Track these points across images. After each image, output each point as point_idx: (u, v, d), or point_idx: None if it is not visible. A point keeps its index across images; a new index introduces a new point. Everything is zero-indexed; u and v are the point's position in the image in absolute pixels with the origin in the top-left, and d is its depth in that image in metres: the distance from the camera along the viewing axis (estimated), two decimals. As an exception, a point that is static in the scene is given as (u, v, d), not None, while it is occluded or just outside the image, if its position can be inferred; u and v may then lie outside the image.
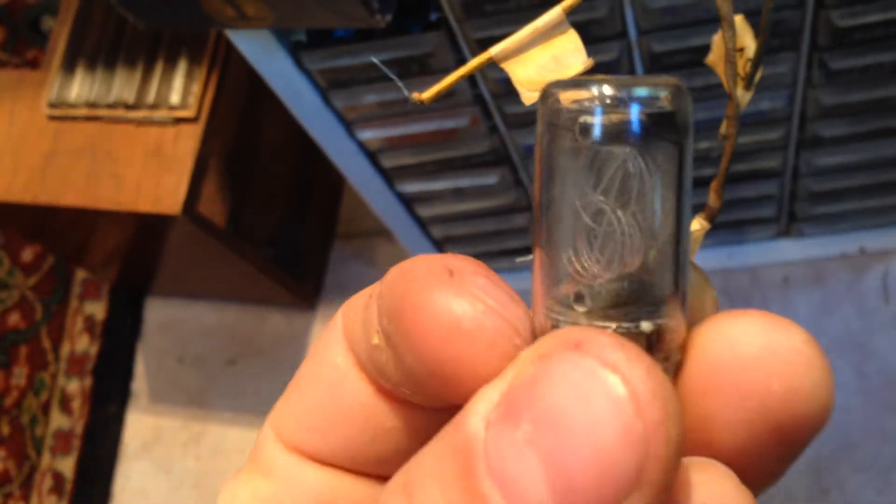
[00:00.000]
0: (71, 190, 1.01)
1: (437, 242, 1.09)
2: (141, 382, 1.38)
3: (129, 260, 1.30)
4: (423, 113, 0.83)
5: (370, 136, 0.86)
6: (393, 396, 0.20)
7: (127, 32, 1.02)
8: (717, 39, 0.20)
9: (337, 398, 0.20)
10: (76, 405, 1.37)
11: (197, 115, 0.98)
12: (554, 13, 0.19)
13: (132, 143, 1.00)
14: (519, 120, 0.85)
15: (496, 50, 0.20)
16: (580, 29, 0.20)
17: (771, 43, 0.75)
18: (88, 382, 1.38)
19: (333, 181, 1.32)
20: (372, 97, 0.80)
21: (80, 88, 1.01)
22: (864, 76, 0.80)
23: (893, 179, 0.97)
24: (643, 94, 0.17)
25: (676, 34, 0.74)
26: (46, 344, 1.41)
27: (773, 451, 0.17)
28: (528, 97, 0.19)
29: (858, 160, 0.92)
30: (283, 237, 1.25)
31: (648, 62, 0.78)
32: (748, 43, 0.20)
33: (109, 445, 1.34)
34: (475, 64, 0.20)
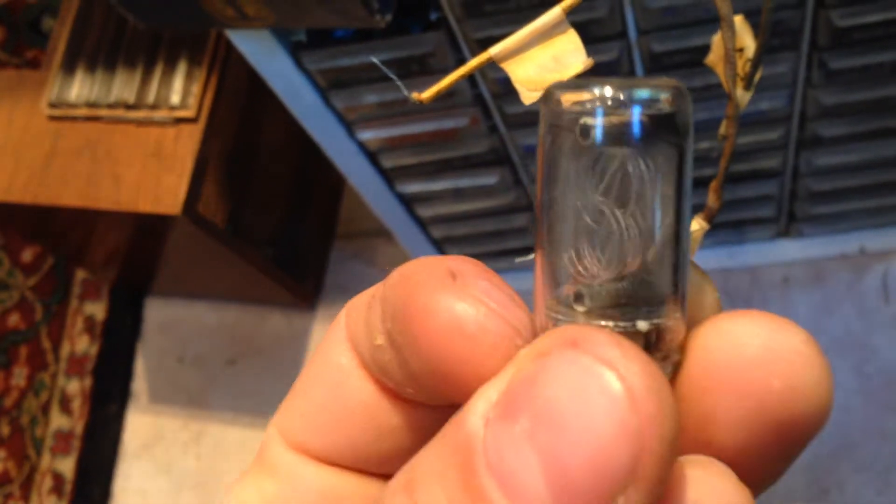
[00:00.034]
0: (71, 190, 1.01)
1: (436, 243, 1.09)
2: (141, 382, 1.38)
3: (129, 260, 1.30)
4: (422, 113, 0.83)
5: (370, 136, 0.86)
6: (396, 395, 0.20)
7: (127, 32, 1.02)
8: (716, 39, 0.20)
9: (341, 397, 0.20)
10: (76, 405, 1.37)
11: (197, 115, 0.98)
12: (554, 13, 0.19)
13: (132, 143, 1.00)
14: (519, 120, 0.85)
15: (496, 50, 0.20)
16: (580, 29, 0.20)
17: (771, 43, 0.75)
18: (88, 383, 1.38)
19: (333, 181, 1.32)
20: (372, 97, 0.80)
21: (80, 88, 1.01)
22: (863, 76, 0.80)
23: (893, 179, 0.97)
24: (644, 95, 0.17)
25: (676, 34, 0.74)
26: (46, 344, 1.41)
27: (772, 450, 0.17)
28: (527, 97, 0.19)
29: (858, 160, 0.92)
30: (283, 237, 1.25)
31: (648, 62, 0.78)
32: (748, 43, 0.20)
33: (109, 445, 1.34)
34: (475, 64, 0.20)
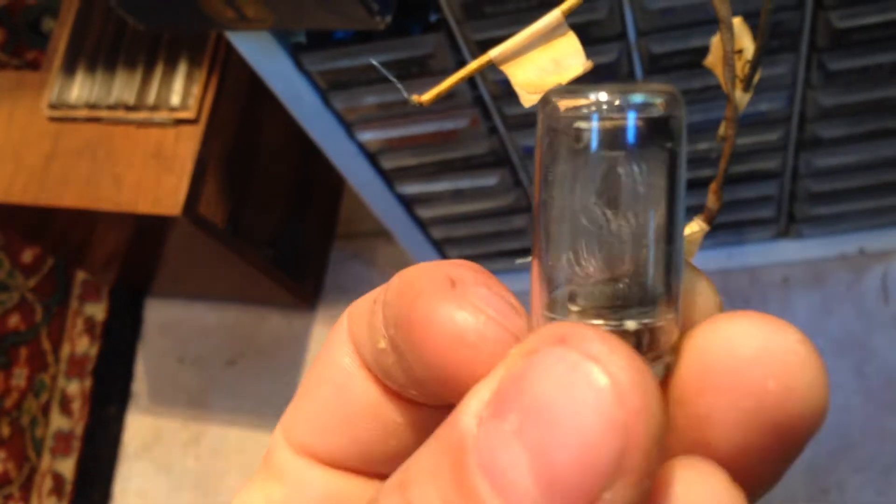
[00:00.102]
0: (71, 191, 1.01)
1: (436, 243, 1.09)
2: (141, 383, 1.38)
3: (129, 261, 1.30)
4: (422, 114, 0.83)
5: (370, 137, 0.86)
6: (400, 396, 0.20)
7: (127, 34, 1.02)
8: (715, 41, 0.20)
9: (345, 399, 0.20)
10: (76, 406, 1.37)
11: (197, 116, 0.98)
12: (553, 16, 0.20)
13: (132, 144, 1.00)
14: (518, 121, 0.85)
15: (496, 52, 0.20)
16: (579, 30, 0.20)
17: (770, 44, 0.75)
18: (88, 383, 1.38)
19: (333, 182, 1.32)
20: (372, 98, 0.80)
21: (80, 90, 1.01)
22: (862, 77, 0.80)
23: (892, 180, 0.97)
24: (638, 100, 0.17)
25: (676, 35, 0.74)
26: (46, 345, 1.41)
27: (770, 451, 0.17)
28: (527, 99, 0.19)
29: (858, 161, 0.92)
30: (282, 238, 1.25)
31: (647, 63, 0.78)
32: (747, 45, 0.20)
33: (109, 446, 1.34)
34: (475, 66, 0.20)
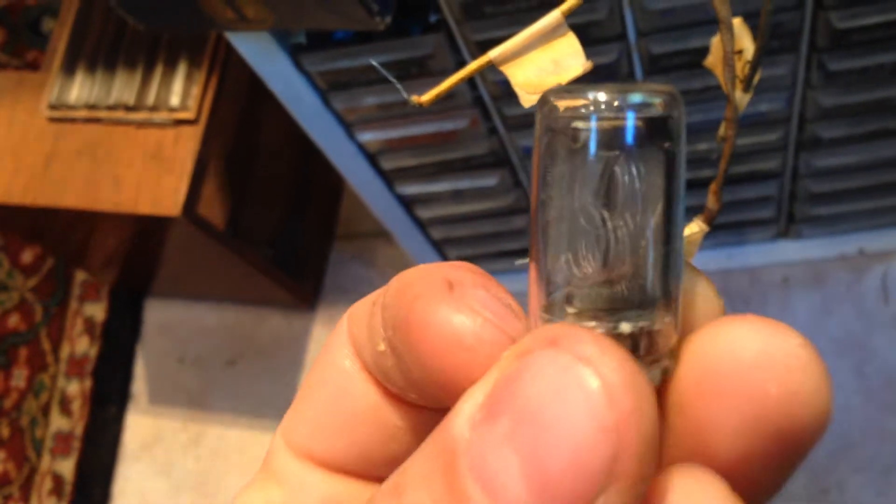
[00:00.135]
0: (71, 191, 1.01)
1: (436, 244, 1.09)
2: (140, 384, 1.38)
3: (128, 261, 1.30)
4: (422, 115, 0.83)
5: (370, 137, 0.86)
6: (400, 399, 0.20)
7: (127, 34, 1.02)
8: (715, 42, 0.20)
9: (345, 401, 0.20)
10: (76, 407, 1.37)
11: (197, 116, 0.98)
12: (553, 16, 0.19)
13: (132, 144, 1.00)
14: (518, 122, 0.85)
15: (495, 53, 0.20)
16: (579, 31, 0.20)
17: (770, 44, 0.75)
18: (88, 384, 1.38)
19: (333, 182, 1.32)
20: (371, 99, 0.80)
21: (80, 90, 1.01)
22: (863, 77, 0.80)
23: (892, 180, 0.97)
24: (637, 100, 0.17)
25: (675, 36, 0.74)
26: (46, 345, 1.41)
27: (772, 459, 0.17)
28: (527, 100, 0.19)
29: (857, 161, 0.92)
30: (282, 238, 1.25)
31: (647, 64, 0.78)
32: (747, 45, 0.20)
33: (109, 447, 1.34)
34: (474, 67, 0.20)
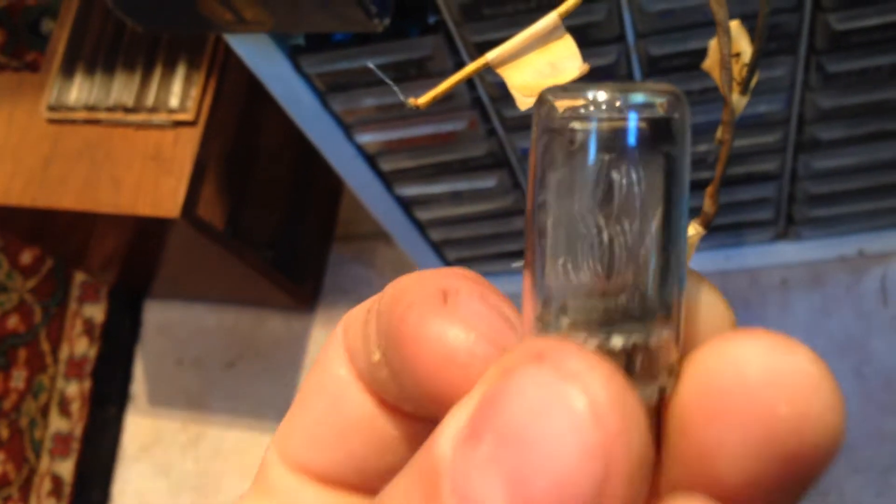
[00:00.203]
0: (70, 193, 1.01)
1: (435, 245, 1.09)
2: (140, 385, 1.38)
3: (128, 263, 1.30)
4: (421, 116, 0.83)
5: (369, 139, 0.86)
6: (396, 409, 0.19)
7: (126, 35, 1.02)
8: (713, 44, 0.20)
9: (340, 411, 0.20)
10: (75, 408, 1.37)
11: (196, 118, 0.98)
12: (550, 18, 0.19)
13: (131, 146, 1.00)
14: (517, 123, 0.85)
15: (492, 55, 0.20)
16: (578, 32, 0.20)
17: (768, 46, 0.75)
18: (87, 385, 1.38)
19: (332, 184, 1.32)
20: (370, 101, 0.80)
21: (79, 92, 1.01)
22: (861, 79, 0.80)
23: (891, 182, 0.97)
24: (639, 101, 0.16)
25: (674, 37, 0.74)
26: (45, 346, 1.41)
27: (781, 484, 0.15)
28: (524, 103, 0.19)
29: (856, 163, 0.92)
30: (281, 240, 1.25)
31: (646, 66, 0.78)
32: (744, 48, 0.20)
33: (108, 448, 1.34)
34: (471, 69, 0.20)
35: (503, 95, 0.81)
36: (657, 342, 0.16)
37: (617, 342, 0.16)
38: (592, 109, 0.16)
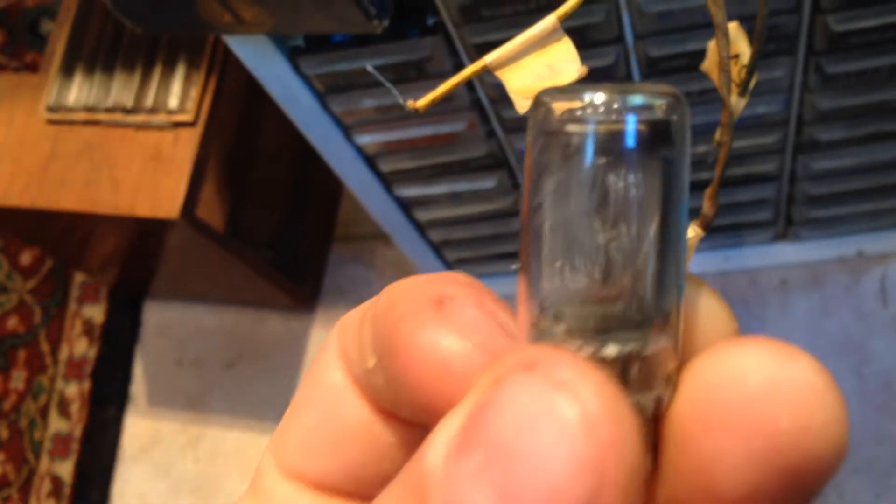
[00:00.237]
0: (69, 194, 1.01)
1: (435, 246, 1.09)
2: (139, 385, 1.38)
3: (127, 263, 1.30)
4: (420, 118, 0.83)
5: (368, 140, 0.86)
6: (392, 415, 0.19)
7: (125, 36, 1.02)
8: (711, 46, 0.20)
9: (336, 418, 0.19)
10: (75, 409, 1.37)
11: (195, 119, 0.98)
12: (548, 21, 0.19)
13: (130, 147, 1.00)
14: (516, 124, 0.85)
15: (491, 58, 0.20)
16: (577, 33, 0.20)
17: (767, 47, 0.75)
18: (87, 386, 1.38)
19: (332, 184, 1.32)
20: (370, 102, 0.80)
21: (78, 92, 1.01)
22: (860, 80, 0.80)
23: (891, 183, 0.97)
24: (638, 102, 0.16)
25: (673, 39, 0.75)
26: (45, 347, 1.41)
27: (783, 496, 0.15)
28: (522, 105, 0.19)
29: (855, 164, 0.93)
30: (281, 240, 1.25)
31: (645, 67, 0.78)
32: (743, 49, 0.20)
33: (108, 449, 1.34)
34: (469, 72, 0.20)
35: (502, 97, 0.81)
36: (654, 350, 0.16)
37: (612, 350, 0.16)
38: (589, 112, 0.16)
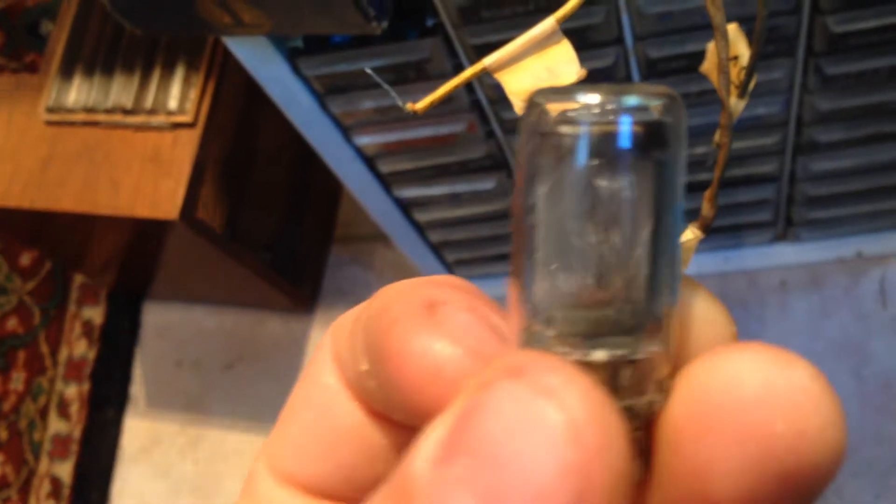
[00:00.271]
0: (68, 195, 1.01)
1: (434, 247, 1.09)
2: (139, 387, 1.37)
3: (126, 265, 1.30)
4: (420, 119, 0.83)
5: (367, 141, 0.86)
6: (386, 418, 0.19)
7: (124, 38, 1.02)
8: (710, 47, 0.20)
9: (329, 421, 0.19)
10: (74, 410, 1.37)
11: (194, 120, 0.98)
12: (548, 23, 0.19)
13: (130, 148, 1.00)
14: (516, 126, 0.85)
15: (490, 60, 0.20)
16: (576, 35, 0.20)
17: (766, 49, 0.75)
18: (86, 387, 1.38)
19: (331, 185, 1.32)
20: (369, 103, 0.80)
21: (77, 93, 1.01)
22: (860, 81, 0.80)
23: (890, 184, 0.97)
24: (632, 104, 0.15)
25: (672, 40, 0.75)
26: (44, 349, 1.41)
27: (779, 503, 0.15)
28: (521, 107, 0.19)
29: (855, 165, 0.93)
30: (280, 241, 1.25)
31: (644, 68, 0.78)
32: (742, 51, 0.20)
33: (107, 450, 1.34)
34: (468, 74, 0.20)
35: (502, 98, 0.81)
36: (646, 355, 0.16)
37: (601, 355, 0.15)
38: (583, 113, 0.15)
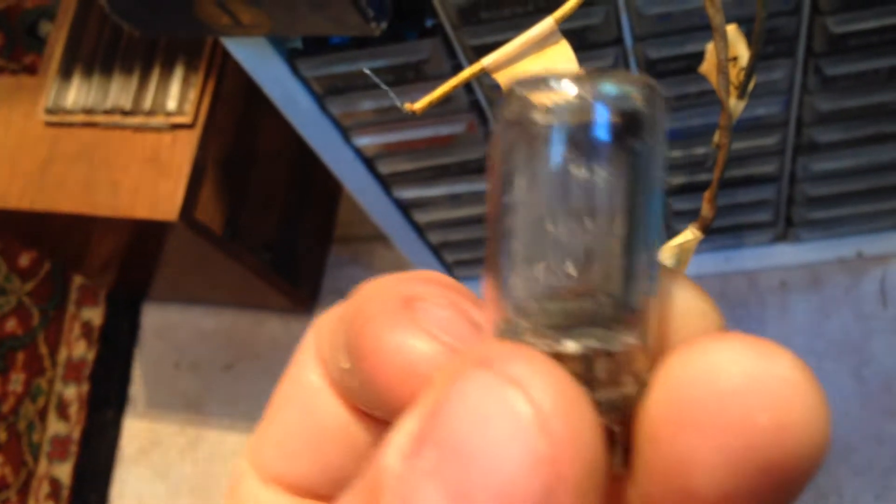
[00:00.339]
0: (68, 196, 1.01)
1: (434, 248, 1.09)
2: (138, 388, 1.37)
3: (126, 266, 1.30)
4: (419, 119, 0.83)
5: (367, 142, 0.86)
6: (370, 415, 0.19)
7: (123, 39, 1.02)
8: (710, 48, 0.20)
9: (313, 419, 0.19)
10: (73, 411, 1.37)
11: (194, 121, 0.98)
12: (546, 24, 0.19)
13: (129, 149, 1.00)
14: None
15: (488, 60, 0.20)
16: (575, 35, 0.20)
17: (766, 49, 0.75)
18: (85, 388, 1.38)
19: (331, 186, 1.32)
20: (368, 103, 0.80)
21: (76, 94, 1.01)
22: (859, 82, 0.80)
23: (890, 184, 0.97)
24: (609, 92, 0.15)
25: (672, 41, 0.74)
26: (43, 350, 1.41)
27: (762, 496, 0.14)
28: None
29: (855, 165, 0.93)
30: (280, 242, 1.25)
31: (644, 69, 0.78)
32: (741, 52, 0.20)
33: (106, 451, 1.34)
34: (467, 74, 0.20)
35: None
36: (622, 347, 0.15)
37: (573, 346, 0.15)
38: (559, 101, 0.15)
